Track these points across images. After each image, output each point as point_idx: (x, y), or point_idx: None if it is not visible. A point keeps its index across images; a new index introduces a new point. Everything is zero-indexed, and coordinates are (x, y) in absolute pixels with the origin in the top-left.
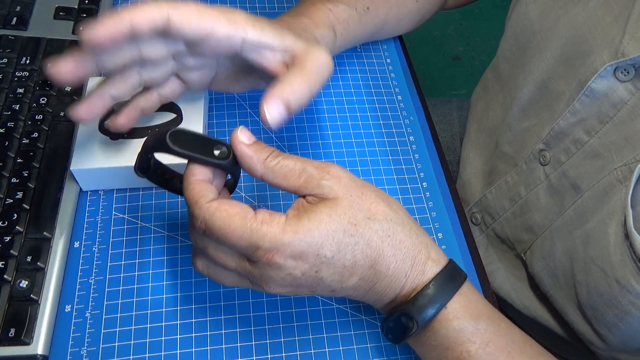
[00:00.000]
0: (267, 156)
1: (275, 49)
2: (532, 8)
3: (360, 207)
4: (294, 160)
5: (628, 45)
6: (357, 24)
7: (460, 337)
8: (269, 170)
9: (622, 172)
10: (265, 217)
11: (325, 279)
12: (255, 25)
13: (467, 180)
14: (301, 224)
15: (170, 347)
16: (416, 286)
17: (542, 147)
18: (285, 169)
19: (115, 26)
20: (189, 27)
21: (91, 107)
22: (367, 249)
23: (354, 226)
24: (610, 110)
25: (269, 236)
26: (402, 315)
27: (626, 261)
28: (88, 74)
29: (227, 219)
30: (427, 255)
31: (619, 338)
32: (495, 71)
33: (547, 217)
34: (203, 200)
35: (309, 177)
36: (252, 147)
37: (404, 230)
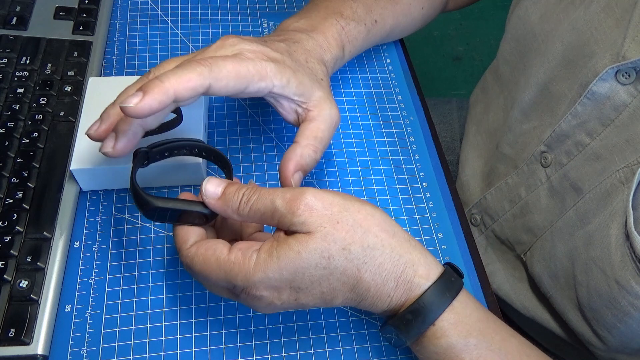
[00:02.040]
0: (239, 204)
1: (293, 100)
2: (533, 11)
3: (335, 239)
4: (265, 199)
5: (629, 49)
6: (364, 39)
7: (448, 354)
8: (244, 217)
9: (624, 173)
10: (237, 257)
11: (307, 303)
12: (282, 78)
13: (466, 181)
14: (271, 262)
15: (170, 347)
16: (403, 303)
17: (544, 149)
18: (258, 213)
19: (161, 100)
20: (226, 91)
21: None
22: (343, 277)
23: (327, 259)
24: (612, 112)
25: (240, 276)
26: (390, 329)
27: (626, 262)
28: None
29: (203, 263)
30: (414, 272)
31: (618, 339)
32: (495, 73)
33: (547, 218)
34: (184, 246)
35: (280, 216)
36: (221, 199)
37: (384, 254)
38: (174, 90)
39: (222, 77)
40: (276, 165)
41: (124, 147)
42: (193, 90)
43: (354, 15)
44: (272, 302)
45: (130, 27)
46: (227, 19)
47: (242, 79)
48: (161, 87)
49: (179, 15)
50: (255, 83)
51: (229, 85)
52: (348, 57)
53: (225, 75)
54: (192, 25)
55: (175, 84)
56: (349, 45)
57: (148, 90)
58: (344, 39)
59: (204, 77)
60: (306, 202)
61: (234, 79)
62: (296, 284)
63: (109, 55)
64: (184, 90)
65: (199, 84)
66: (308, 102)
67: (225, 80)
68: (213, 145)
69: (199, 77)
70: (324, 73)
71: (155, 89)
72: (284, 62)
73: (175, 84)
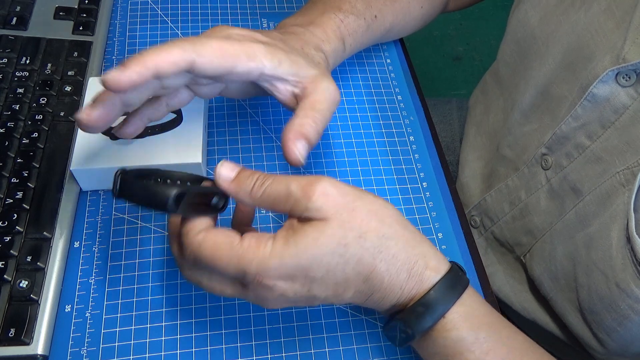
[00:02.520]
0: (252, 187)
1: (287, 81)
2: (532, 14)
3: (351, 226)
4: (279, 184)
5: (629, 51)
6: (365, 33)
7: (459, 347)
8: (257, 201)
9: (624, 175)
10: (251, 243)
11: (319, 295)
12: (273, 59)
13: (466, 182)
14: (287, 248)
15: (170, 347)
16: (414, 295)
17: (544, 151)
18: (272, 197)
19: (140, 72)
20: (212, 68)
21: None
22: (359, 266)
23: (343, 247)
24: (612, 115)
25: (254, 262)
26: (399, 324)
27: (627, 265)
28: (116, 116)
29: (213, 248)
30: (425, 265)
31: (617, 343)
32: (495, 75)
33: (547, 220)
34: (191, 233)
35: (295, 201)
36: (235, 182)
37: (398, 245)
38: (154, 63)
39: (206, 53)
40: (276, 165)
41: (97, 115)
42: (174, 64)
43: (353, 9)
44: (283, 293)
45: (130, 27)
46: (227, 19)
47: (228, 57)
48: (141, 60)
49: (179, 15)
50: (244, 63)
51: (214, 63)
52: (349, 51)
53: (209, 52)
54: (192, 25)
55: (156, 57)
56: (350, 38)
57: (128, 64)
58: (344, 31)
59: (185, 51)
60: (322, 188)
61: (220, 56)
62: (312, 273)
63: (109, 55)
64: (165, 63)
65: (180, 57)
66: (303, 80)
67: (210, 56)
68: (212, 145)
69: (181, 51)
70: (322, 59)
71: (134, 62)
72: (275, 45)
73: (155, 57)
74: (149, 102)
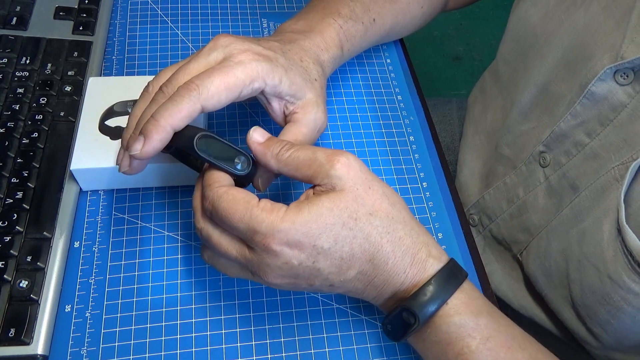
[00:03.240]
0: (280, 150)
1: (283, 100)
2: (533, 12)
3: (364, 202)
4: (306, 150)
5: (627, 49)
6: (363, 37)
7: (461, 333)
8: (282, 163)
9: (619, 170)
10: (266, 205)
11: (322, 270)
12: (275, 77)
13: (464, 182)
14: (300, 214)
15: (170, 347)
16: (417, 282)
17: (543, 149)
18: (297, 160)
19: (161, 139)
20: (220, 105)
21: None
22: (365, 243)
23: (354, 220)
24: (611, 113)
25: (266, 222)
26: (403, 311)
27: (618, 256)
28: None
29: (231, 201)
30: (428, 253)
31: (612, 336)
32: (494, 74)
33: (544, 217)
34: (216, 184)
35: (319, 166)
36: (264, 143)
37: (405, 229)
38: (170, 125)
39: (212, 95)
40: None
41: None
42: (188, 117)
43: (352, 14)
44: (288, 260)
45: (130, 27)
46: (227, 19)
47: (233, 88)
48: (158, 126)
49: (179, 15)
50: (248, 86)
51: (222, 99)
52: (347, 56)
53: (215, 92)
54: (192, 25)
55: (170, 119)
56: (348, 44)
57: (148, 134)
58: (342, 37)
59: (194, 103)
60: (346, 159)
61: (225, 91)
62: (320, 242)
63: (109, 55)
64: (179, 121)
65: (191, 110)
66: (297, 102)
67: (217, 96)
68: None
69: (190, 105)
70: (319, 74)
71: (153, 130)
72: (276, 60)
73: (170, 119)
74: None
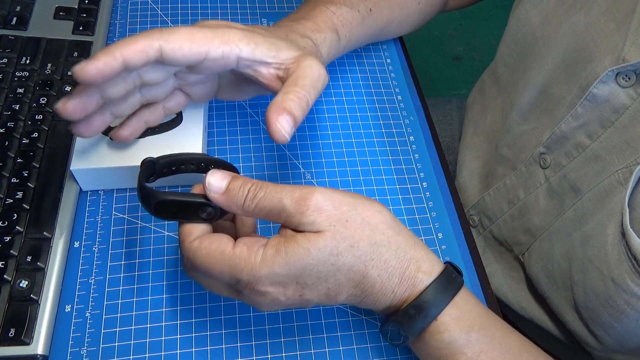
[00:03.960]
0: (244, 200)
1: (269, 64)
2: (533, 14)
3: (344, 237)
4: (272, 198)
5: (629, 52)
6: (360, 25)
7: (451, 349)
8: (249, 213)
9: (622, 174)
10: (242, 251)
11: (311, 300)
12: (250, 42)
13: (464, 182)
14: (278, 257)
15: (170, 347)
16: (406, 299)
17: (543, 150)
18: (264, 210)
19: (107, 62)
20: (182, 55)
21: (91, 126)
22: (350, 272)
23: (335, 257)
24: (612, 115)
25: (245, 271)
26: (392, 326)
27: (622, 260)
28: (95, 106)
29: (206, 257)
30: (417, 268)
31: (614, 338)
32: (493, 75)
33: (545, 219)
34: (187, 239)
35: (288, 216)
36: (225, 195)
37: (390, 250)
38: (120, 52)
39: (174, 39)
40: (276, 165)
41: (74, 105)
42: (142, 52)
43: (346, 1)
44: (276, 298)
45: (130, 27)
46: (227, 19)
47: (198, 42)
48: (108, 50)
49: (179, 15)
50: (217, 48)
51: (184, 48)
52: (346, 42)
53: (177, 38)
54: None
55: (122, 47)
56: (344, 29)
57: (96, 56)
58: (336, 22)
59: (152, 39)
60: (315, 202)
61: (189, 41)
62: (303, 280)
63: None
64: (131, 52)
65: (147, 45)
66: (286, 62)
67: (178, 42)
68: (212, 145)
69: (147, 39)
70: (309, 45)
71: (102, 52)
72: (253, 30)
73: (121, 47)
74: (145, 106)
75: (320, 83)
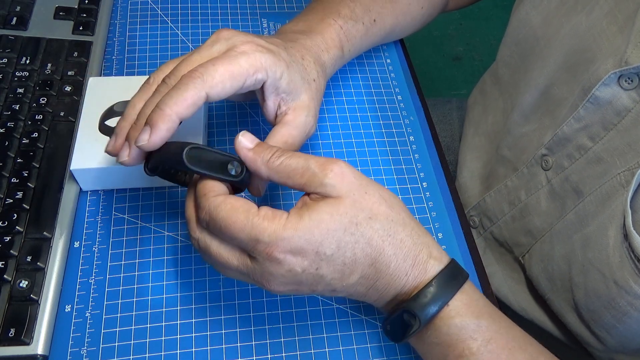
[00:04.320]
0: (270, 156)
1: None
2: (534, 15)
3: (362, 207)
4: (297, 158)
5: (632, 54)
6: (363, 37)
7: (462, 335)
8: (273, 171)
9: (624, 176)
10: (267, 213)
11: (325, 276)
12: (277, 71)
13: (464, 183)
14: (302, 221)
15: (170, 347)
16: (418, 284)
17: (545, 152)
18: (289, 168)
19: (169, 129)
20: (224, 93)
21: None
22: (368, 247)
23: (355, 225)
24: (614, 117)
25: (269, 231)
26: (404, 313)
27: (625, 262)
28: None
29: (230, 211)
30: (429, 254)
31: (616, 339)
32: (494, 76)
33: (547, 221)
34: (211, 193)
35: (311, 175)
36: (254, 150)
37: (405, 231)
38: (175, 114)
39: (217, 83)
40: None
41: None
42: (193, 106)
43: (352, 14)
44: (291, 268)
45: (130, 27)
46: (227, 19)
47: (238, 77)
48: (164, 115)
49: (179, 15)
50: (252, 76)
51: (227, 87)
52: (348, 57)
53: (219, 80)
54: (192, 25)
55: (176, 107)
56: (348, 44)
57: (154, 124)
58: (343, 38)
59: (199, 90)
60: (339, 168)
61: (229, 79)
62: (322, 249)
63: (109, 55)
64: (184, 109)
65: (196, 98)
66: (291, 103)
67: (221, 84)
68: (213, 145)
69: (195, 92)
70: (319, 74)
71: (159, 120)
72: (279, 53)
73: (175, 108)
74: None
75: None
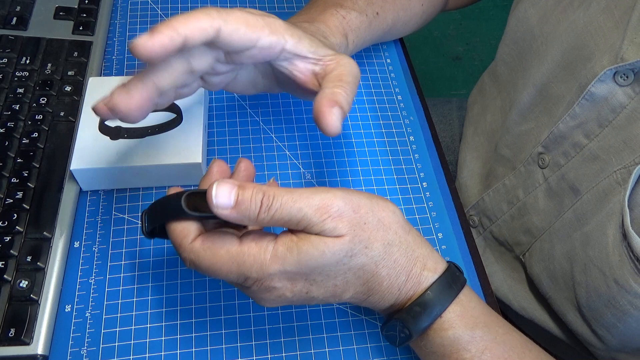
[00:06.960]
0: (258, 213)
1: (308, 58)
2: (532, 13)
3: (361, 239)
4: (290, 208)
5: (627, 50)
6: (367, 29)
7: (455, 346)
8: (265, 224)
9: (621, 174)
10: (250, 248)
11: (317, 296)
12: (294, 34)
13: (464, 182)
14: (290, 256)
15: (170, 347)
16: (411, 296)
17: (541, 150)
18: (282, 221)
19: (172, 36)
20: (238, 38)
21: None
22: (360, 271)
23: (349, 257)
24: (610, 114)
25: (255, 268)
26: (397, 323)
27: (624, 261)
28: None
29: (212, 257)
30: (423, 266)
31: (617, 338)
32: (492, 75)
33: (545, 219)
34: (185, 241)
35: (308, 224)
36: (236, 210)
37: (400, 249)
38: (183, 28)
39: (232, 20)
40: (276, 165)
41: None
42: (202, 30)
43: (355, 6)
44: (283, 293)
45: (130, 27)
46: None
47: (252, 28)
48: (170, 25)
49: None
50: (267, 36)
51: (240, 32)
52: (352, 48)
53: (235, 19)
54: None
55: (185, 22)
56: (352, 34)
57: (157, 29)
58: (346, 27)
59: (212, 18)
60: (336, 209)
61: (244, 25)
62: (312, 277)
63: (109, 55)
64: (193, 29)
65: (208, 24)
66: (324, 58)
67: (235, 24)
68: (212, 145)
69: (208, 17)
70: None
71: (164, 27)
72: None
73: (184, 22)
74: None
75: (358, 81)
